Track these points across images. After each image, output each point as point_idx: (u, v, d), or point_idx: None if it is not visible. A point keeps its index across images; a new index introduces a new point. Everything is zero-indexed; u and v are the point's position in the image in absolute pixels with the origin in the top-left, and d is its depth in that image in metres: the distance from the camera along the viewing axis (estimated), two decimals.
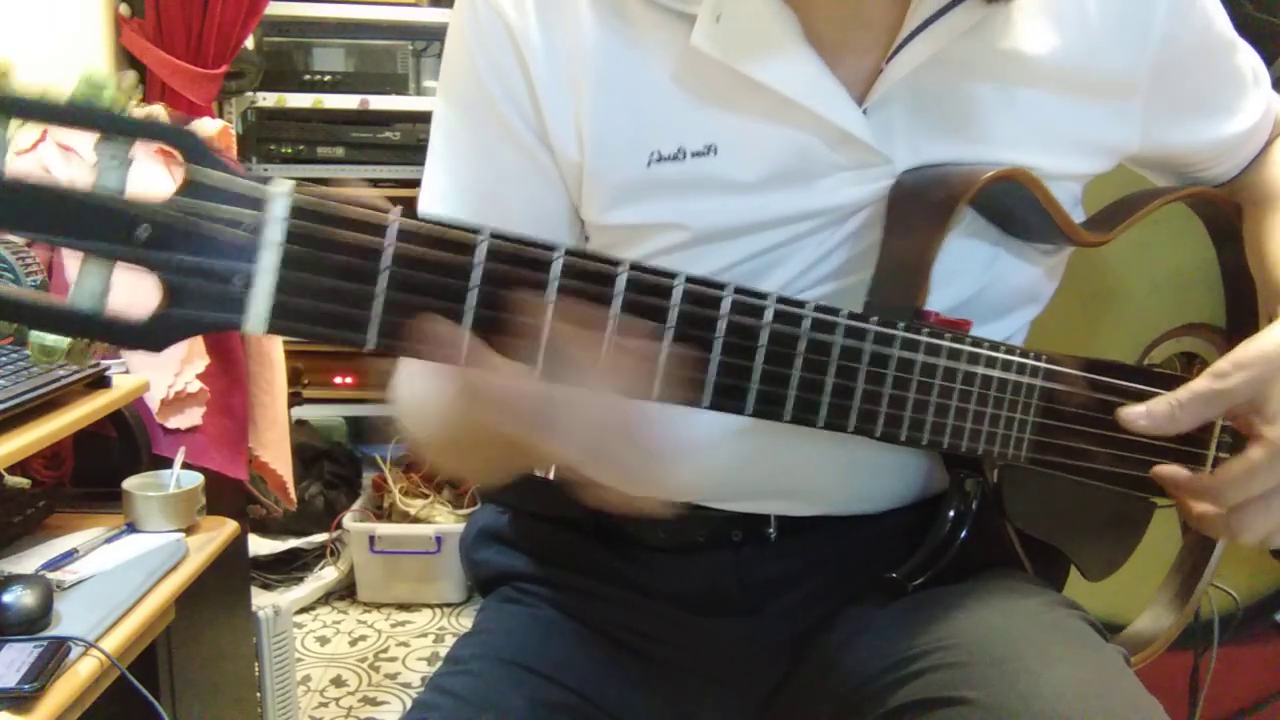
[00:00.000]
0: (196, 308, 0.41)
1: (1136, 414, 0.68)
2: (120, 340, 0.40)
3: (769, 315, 0.52)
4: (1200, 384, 0.67)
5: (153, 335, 0.41)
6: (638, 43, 0.68)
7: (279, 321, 0.42)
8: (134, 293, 0.43)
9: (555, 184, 0.73)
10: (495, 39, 0.70)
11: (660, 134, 0.68)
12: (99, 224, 0.39)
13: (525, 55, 0.69)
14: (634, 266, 0.48)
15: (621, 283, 0.47)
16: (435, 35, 2.48)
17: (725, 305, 0.51)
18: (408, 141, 2.41)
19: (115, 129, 0.39)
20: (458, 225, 0.44)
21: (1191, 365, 0.92)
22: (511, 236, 0.45)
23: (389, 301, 0.43)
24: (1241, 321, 0.89)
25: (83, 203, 0.39)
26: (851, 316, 0.56)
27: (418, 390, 0.69)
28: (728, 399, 0.53)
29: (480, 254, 0.45)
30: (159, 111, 0.40)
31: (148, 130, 0.39)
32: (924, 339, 0.60)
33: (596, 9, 0.68)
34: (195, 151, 0.40)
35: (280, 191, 0.41)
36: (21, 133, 0.38)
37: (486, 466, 0.68)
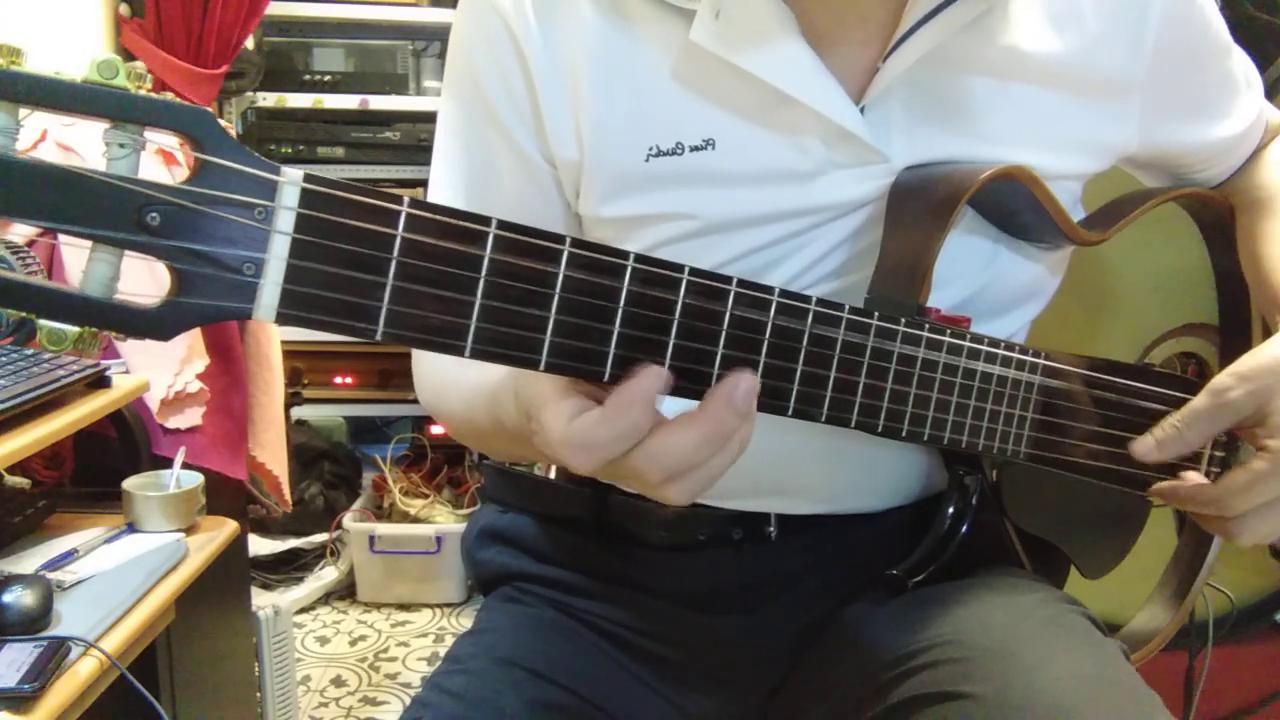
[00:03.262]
0: (206, 295, 0.40)
1: (1147, 446, 0.70)
2: (129, 329, 0.40)
3: (773, 310, 0.52)
4: (1202, 401, 0.68)
5: (162, 323, 0.40)
6: (637, 39, 0.68)
7: (289, 310, 0.41)
8: (143, 281, 0.43)
9: (547, 189, 0.73)
10: (497, 40, 0.70)
11: (658, 129, 0.69)
12: (109, 210, 0.38)
13: (526, 54, 0.69)
14: (639, 259, 0.48)
15: (627, 276, 0.48)
16: (435, 35, 2.48)
17: (729, 300, 0.51)
18: (408, 141, 2.41)
19: (128, 112, 0.38)
20: (467, 214, 0.44)
21: (1191, 365, 0.92)
22: (518, 228, 0.45)
23: (398, 291, 0.43)
24: (1234, 322, 0.89)
25: (93, 189, 0.38)
26: (853, 311, 0.56)
27: (452, 382, 0.71)
28: None
29: (488, 245, 0.45)
30: (171, 98, 0.39)
31: (161, 112, 0.38)
32: (925, 334, 0.60)
33: (597, 6, 0.68)
34: (208, 135, 0.40)
35: (291, 179, 0.41)
36: (26, 125, 0.37)
37: (511, 454, 0.69)
